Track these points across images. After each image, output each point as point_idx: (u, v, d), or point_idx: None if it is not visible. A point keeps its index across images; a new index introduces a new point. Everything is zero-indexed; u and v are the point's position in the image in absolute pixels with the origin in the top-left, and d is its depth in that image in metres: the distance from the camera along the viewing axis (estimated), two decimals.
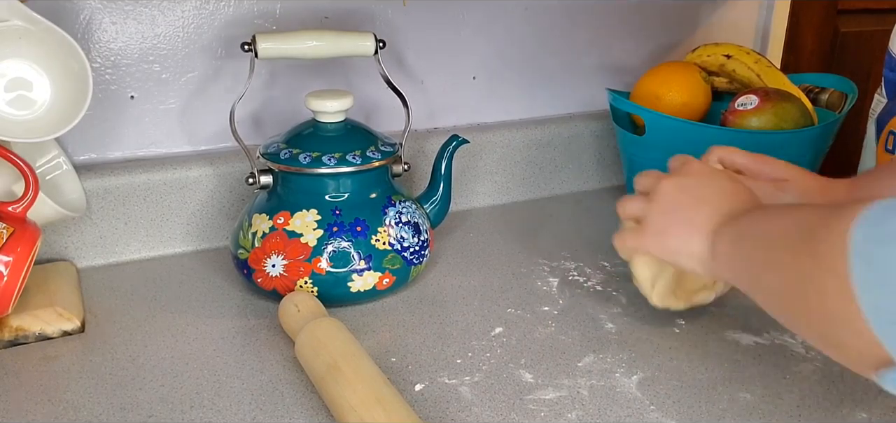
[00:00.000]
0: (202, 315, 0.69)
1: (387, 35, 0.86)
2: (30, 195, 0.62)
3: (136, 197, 0.78)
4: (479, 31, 0.93)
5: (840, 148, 0.98)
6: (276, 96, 0.85)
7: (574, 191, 1.02)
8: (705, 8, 1.07)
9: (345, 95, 0.71)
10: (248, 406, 0.56)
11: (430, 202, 0.77)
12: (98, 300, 0.71)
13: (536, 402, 0.57)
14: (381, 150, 0.72)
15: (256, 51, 0.70)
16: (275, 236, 0.68)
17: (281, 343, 0.64)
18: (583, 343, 0.65)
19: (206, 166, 0.81)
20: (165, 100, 0.81)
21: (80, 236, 0.77)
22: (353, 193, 0.70)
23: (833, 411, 0.56)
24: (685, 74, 0.92)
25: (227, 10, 0.80)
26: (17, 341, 0.63)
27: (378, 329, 0.67)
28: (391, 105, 0.82)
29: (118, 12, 0.76)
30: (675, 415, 0.55)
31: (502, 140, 0.96)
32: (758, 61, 0.93)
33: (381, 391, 0.52)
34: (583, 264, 0.79)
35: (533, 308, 0.70)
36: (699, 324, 0.68)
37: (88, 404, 0.56)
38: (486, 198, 0.97)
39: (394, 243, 0.70)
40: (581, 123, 1.00)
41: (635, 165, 0.91)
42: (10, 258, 0.60)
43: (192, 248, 0.82)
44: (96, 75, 0.77)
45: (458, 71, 0.94)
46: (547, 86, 1.00)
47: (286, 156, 0.69)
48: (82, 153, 0.79)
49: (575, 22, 0.99)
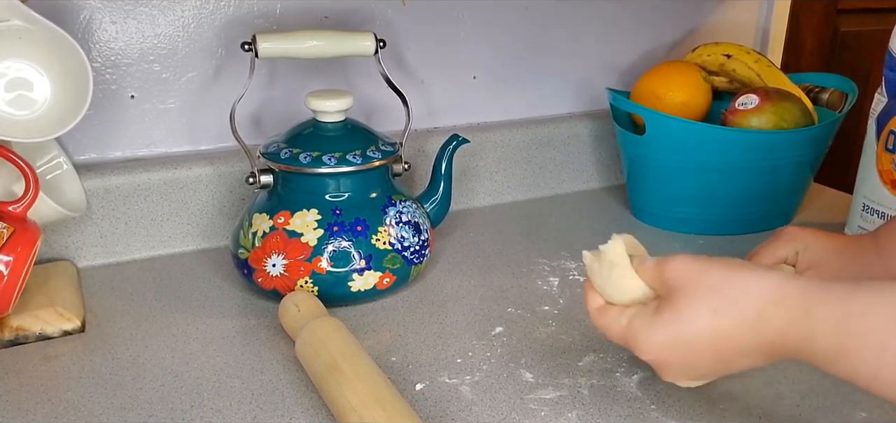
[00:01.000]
0: (202, 315, 0.69)
1: (387, 35, 0.86)
2: (30, 195, 0.62)
3: (137, 197, 0.78)
4: (479, 30, 0.93)
5: (840, 148, 0.98)
6: (277, 96, 0.85)
7: (574, 190, 1.02)
8: (705, 7, 1.07)
9: (345, 94, 0.71)
10: (248, 406, 0.56)
11: (431, 202, 0.77)
12: (98, 300, 0.71)
13: (537, 401, 0.57)
14: (382, 149, 0.72)
15: (257, 50, 0.70)
16: (275, 235, 0.68)
17: (281, 343, 0.64)
18: (583, 343, 0.65)
19: (206, 166, 0.81)
20: (166, 99, 0.81)
21: (80, 235, 0.77)
22: (354, 192, 0.70)
23: (833, 410, 0.56)
24: (685, 74, 0.92)
25: (227, 10, 0.80)
26: (18, 341, 0.63)
27: (378, 329, 0.67)
28: (391, 105, 0.82)
29: (118, 12, 0.76)
30: (676, 415, 0.55)
31: (502, 140, 0.96)
32: (758, 61, 0.93)
33: (382, 391, 0.52)
34: (583, 264, 0.79)
35: (533, 308, 0.70)
36: None
37: (89, 403, 0.56)
38: (486, 197, 0.97)
39: (394, 243, 0.70)
40: (581, 122, 1.00)
41: (635, 165, 0.91)
42: (11, 258, 0.60)
43: (192, 247, 0.82)
44: (96, 75, 0.77)
45: (458, 70, 0.94)
46: (547, 85, 1.00)
47: (286, 155, 0.69)
48: (82, 153, 0.79)
49: (575, 21, 0.99)
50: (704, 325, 0.45)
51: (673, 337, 0.46)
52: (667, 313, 0.46)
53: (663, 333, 0.46)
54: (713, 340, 0.45)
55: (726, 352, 0.45)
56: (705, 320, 0.45)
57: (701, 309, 0.45)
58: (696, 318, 0.45)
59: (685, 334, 0.45)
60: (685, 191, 0.87)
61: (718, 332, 0.44)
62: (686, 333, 0.45)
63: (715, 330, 0.44)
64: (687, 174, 0.86)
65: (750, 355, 0.44)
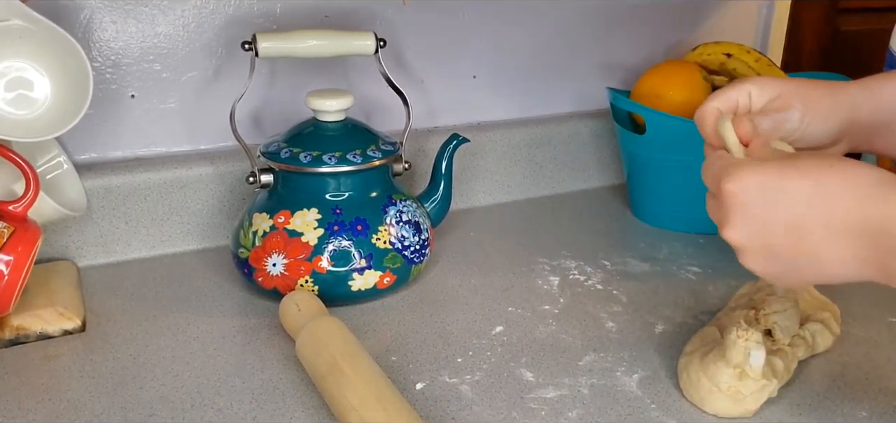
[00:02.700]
0: (203, 314, 0.69)
1: (387, 34, 0.86)
2: (30, 194, 0.62)
3: (137, 196, 0.78)
4: (480, 30, 0.93)
5: None
6: (277, 95, 0.85)
7: (574, 190, 1.02)
8: (706, 7, 1.07)
9: (345, 94, 0.71)
10: (248, 405, 0.56)
11: (431, 201, 0.77)
12: (99, 300, 0.71)
13: (537, 401, 0.57)
14: (382, 149, 0.72)
15: (257, 50, 0.70)
16: (275, 235, 0.68)
17: (281, 342, 0.64)
18: (583, 342, 0.65)
19: (206, 166, 0.81)
20: (166, 99, 0.81)
21: (80, 235, 0.77)
22: (354, 192, 0.70)
23: (833, 409, 0.56)
24: (685, 73, 0.92)
25: (227, 10, 0.80)
26: (18, 341, 0.64)
27: (379, 328, 0.67)
28: (391, 104, 0.82)
29: (119, 11, 0.76)
30: (676, 414, 0.55)
31: (503, 139, 0.96)
32: (758, 60, 0.93)
33: (382, 390, 0.52)
34: (583, 263, 0.79)
35: (533, 307, 0.70)
36: (699, 324, 0.68)
37: (89, 403, 0.56)
38: (486, 197, 0.97)
39: (394, 242, 0.70)
40: (581, 121, 1.00)
41: (635, 164, 0.91)
42: (11, 258, 0.60)
43: (192, 247, 0.82)
44: (97, 74, 0.77)
45: (458, 70, 0.94)
46: (547, 84, 1.00)
47: (287, 155, 0.69)
48: (83, 152, 0.79)
49: (575, 21, 0.99)
50: (806, 189, 0.41)
51: (772, 178, 0.42)
52: (774, 164, 0.43)
53: (764, 170, 0.42)
54: (812, 202, 0.41)
55: (818, 226, 0.41)
56: (809, 185, 0.41)
57: (808, 176, 0.41)
58: (801, 181, 0.41)
59: (784, 187, 0.41)
60: (685, 190, 0.87)
61: (820, 198, 0.41)
62: (786, 186, 0.41)
63: (817, 195, 0.41)
64: (687, 174, 0.86)
65: (841, 236, 0.40)
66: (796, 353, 0.60)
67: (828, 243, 0.41)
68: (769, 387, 0.55)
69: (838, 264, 0.42)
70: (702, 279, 0.76)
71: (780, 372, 0.57)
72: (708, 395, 0.55)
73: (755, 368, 0.54)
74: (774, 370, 0.56)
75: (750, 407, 0.54)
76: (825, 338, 0.63)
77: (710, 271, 0.78)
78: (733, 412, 0.54)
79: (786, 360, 0.58)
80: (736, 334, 0.54)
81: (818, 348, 0.62)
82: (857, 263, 0.41)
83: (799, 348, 0.60)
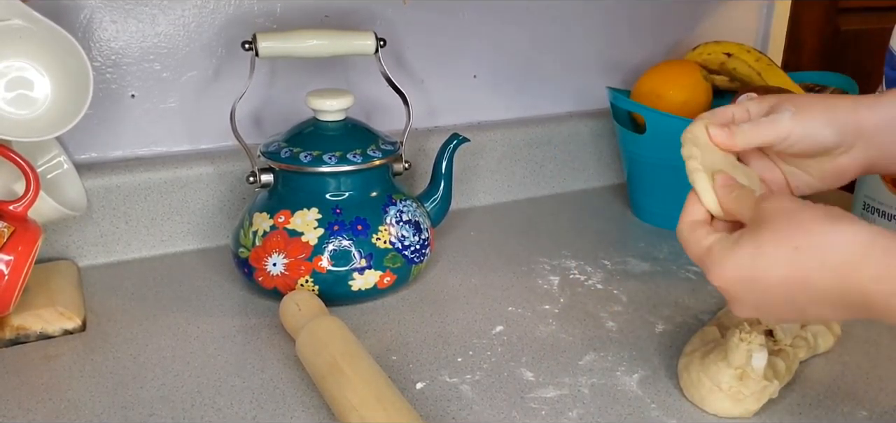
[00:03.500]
0: (203, 314, 0.69)
1: (387, 34, 0.86)
2: (30, 194, 0.62)
3: (137, 196, 0.78)
4: (480, 29, 0.93)
5: None
6: (277, 95, 0.85)
7: (574, 189, 1.02)
8: (706, 6, 1.07)
9: (345, 93, 0.71)
10: (248, 405, 0.56)
11: (431, 201, 0.77)
12: (99, 299, 0.71)
13: (537, 400, 0.57)
14: (382, 148, 0.72)
15: (257, 50, 0.70)
16: (275, 234, 0.68)
17: (282, 342, 0.64)
18: (584, 342, 0.65)
19: (206, 165, 0.81)
20: (166, 99, 0.81)
21: (81, 234, 0.77)
22: (354, 191, 0.70)
23: (833, 410, 0.56)
24: (686, 73, 0.92)
25: (227, 9, 0.80)
26: (19, 340, 0.64)
27: (379, 328, 0.67)
28: (392, 104, 0.82)
29: (119, 11, 0.76)
30: (676, 414, 0.55)
31: (503, 139, 0.96)
32: (758, 60, 0.93)
33: (382, 390, 0.52)
34: (583, 263, 0.79)
35: (534, 307, 0.70)
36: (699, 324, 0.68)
37: (89, 402, 0.56)
38: (486, 196, 0.97)
39: (394, 242, 0.70)
40: (581, 121, 1.00)
41: (635, 164, 0.91)
42: (12, 257, 0.60)
43: (192, 247, 0.82)
44: (97, 74, 0.77)
45: (458, 70, 0.94)
46: (547, 84, 1.00)
47: (287, 155, 0.69)
48: (83, 152, 0.79)
49: (575, 20, 0.99)
50: (783, 261, 0.42)
51: (748, 268, 0.44)
52: (747, 243, 0.44)
53: (738, 261, 0.44)
54: (789, 278, 0.42)
55: (800, 295, 0.43)
56: (785, 256, 0.42)
57: (783, 245, 0.43)
58: (776, 252, 0.43)
59: (760, 267, 0.43)
60: (685, 190, 0.86)
61: (796, 271, 0.42)
62: (761, 266, 0.43)
63: (793, 268, 0.42)
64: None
65: (824, 304, 0.42)
66: (797, 353, 0.60)
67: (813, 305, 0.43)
68: (770, 388, 0.55)
69: (827, 315, 0.44)
70: (702, 279, 0.76)
71: (782, 373, 0.57)
72: (709, 395, 0.55)
73: (757, 370, 0.54)
74: (776, 370, 0.56)
75: (751, 407, 0.54)
76: (826, 338, 0.63)
77: None
78: (734, 412, 0.54)
79: (787, 360, 0.58)
80: (738, 336, 0.54)
81: (819, 349, 0.62)
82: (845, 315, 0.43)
83: (800, 349, 0.60)
